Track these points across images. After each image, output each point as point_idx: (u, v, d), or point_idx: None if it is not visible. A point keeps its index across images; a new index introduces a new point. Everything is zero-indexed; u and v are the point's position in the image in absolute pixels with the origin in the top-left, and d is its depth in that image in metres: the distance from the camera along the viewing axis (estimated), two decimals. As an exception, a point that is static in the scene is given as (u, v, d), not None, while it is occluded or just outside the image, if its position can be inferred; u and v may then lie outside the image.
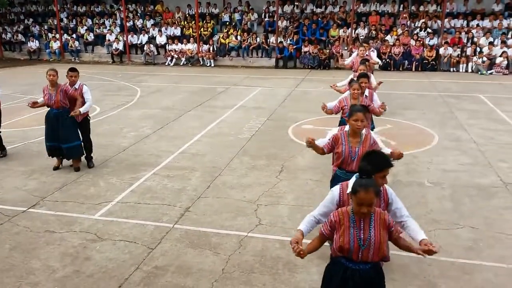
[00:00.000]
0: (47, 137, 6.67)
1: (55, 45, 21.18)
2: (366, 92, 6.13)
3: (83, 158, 6.92)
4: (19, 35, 22.37)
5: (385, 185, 3.12)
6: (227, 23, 20.24)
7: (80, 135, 6.79)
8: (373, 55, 10.13)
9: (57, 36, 21.34)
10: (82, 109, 6.60)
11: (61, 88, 6.52)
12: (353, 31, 18.32)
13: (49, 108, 6.63)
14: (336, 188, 3.19)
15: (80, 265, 4.29)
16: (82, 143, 6.84)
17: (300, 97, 12.12)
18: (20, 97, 12.36)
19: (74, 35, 21.25)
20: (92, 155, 7.01)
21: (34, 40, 21.63)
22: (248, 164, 6.91)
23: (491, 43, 16.27)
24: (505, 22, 17.36)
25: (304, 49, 17.82)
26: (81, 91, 6.72)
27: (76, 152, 6.72)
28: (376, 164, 2.93)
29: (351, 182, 3.05)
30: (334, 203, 3.14)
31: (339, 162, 4.07)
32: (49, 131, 6.64)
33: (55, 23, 21.96)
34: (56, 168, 6.74)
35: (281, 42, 18.29)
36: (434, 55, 16.64)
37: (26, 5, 24.55)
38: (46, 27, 22.63)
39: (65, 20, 22.71)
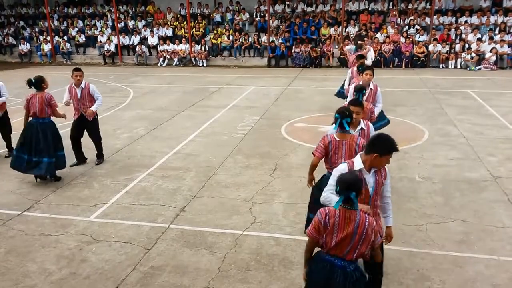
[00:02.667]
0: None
1: (46, 47, 21.04)
2: (371, 85, 6.19)
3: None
4: (10, 37, 22.18)
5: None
6: (219, 23, 20.26)
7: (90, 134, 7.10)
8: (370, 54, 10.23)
9: (48, 38, 21.21)
10: (94, 108, 6.88)
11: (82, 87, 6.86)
12: (344, 29, 18.43)
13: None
14: (344, 164, 3.35)
15: (76, 267, 4.31)
16: (95, 141, 7.14)
17: (293, 95, 12.19)
18: (12, 100, 12.24)
19: (65, 37, 21.12)
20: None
21: (25, 42, 21.45)
22: (242, 163, 6.96)
23: (479, 39, 16.46)
24: (492, 19, 17.56)
25: (296, 49, 17.88)
26: (88, 89, 6.83)
27: None
28: (386, 147, 3.16)
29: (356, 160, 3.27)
30: None
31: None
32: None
33: (46, 26, 21.80)
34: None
35: (272, 41, 18.35)
36: (424, 52, 16.80)
37: (17, 8, 24.34)
38: (37, 29, 22.46)
39: (56, 22, 22.55)
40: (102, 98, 7.06)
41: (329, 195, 3.27)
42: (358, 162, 3.26)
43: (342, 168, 3.30)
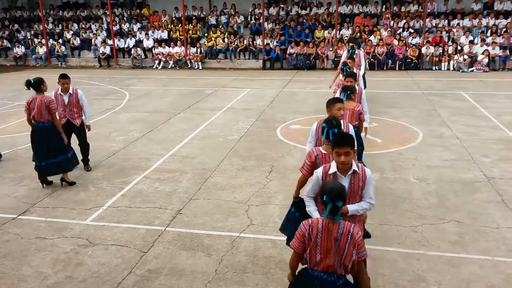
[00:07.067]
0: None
1: (41, 50, 20.94)
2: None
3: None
4: (5, 41, 22.06)
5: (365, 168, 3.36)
6: (214, 26, 20.29)
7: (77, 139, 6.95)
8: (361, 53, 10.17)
9: (43, 41, 21.12)
10: (88, 122, 6.88)
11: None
12: (338, 32, 18.54)
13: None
14: (321, 168, 3.37)
15: (72, 270, 4.29)
16: (81, 146, 7.01)
17: (288, 97, 12.23)
18: (7, 103, 12.23)
19: (60, 40, 21.05)
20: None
21: (20, 45, 21.35)
22: (238, 165, 6.97)
23: (471, 42, 16.64)
24: (484, 21, 17.75)
25: (290, 50, 17.94)
26: (76, 95, 6.72)
27: None
28: (334, 141, 3.24)
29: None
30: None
31: None
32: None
33: (41, 28, 21.72)
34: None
35: (267, 44, 18.41)
36: (417, 54, 16.94)
37: (11, 11, 24.22)
38: (32, 32, 22.36)
39: (50, 25, 22.46)
40: (89, 109, 6.95)
41: (311, 211, 3.33)
42: (333, 166, 3.24)
43: (319, 170, 3.32)
